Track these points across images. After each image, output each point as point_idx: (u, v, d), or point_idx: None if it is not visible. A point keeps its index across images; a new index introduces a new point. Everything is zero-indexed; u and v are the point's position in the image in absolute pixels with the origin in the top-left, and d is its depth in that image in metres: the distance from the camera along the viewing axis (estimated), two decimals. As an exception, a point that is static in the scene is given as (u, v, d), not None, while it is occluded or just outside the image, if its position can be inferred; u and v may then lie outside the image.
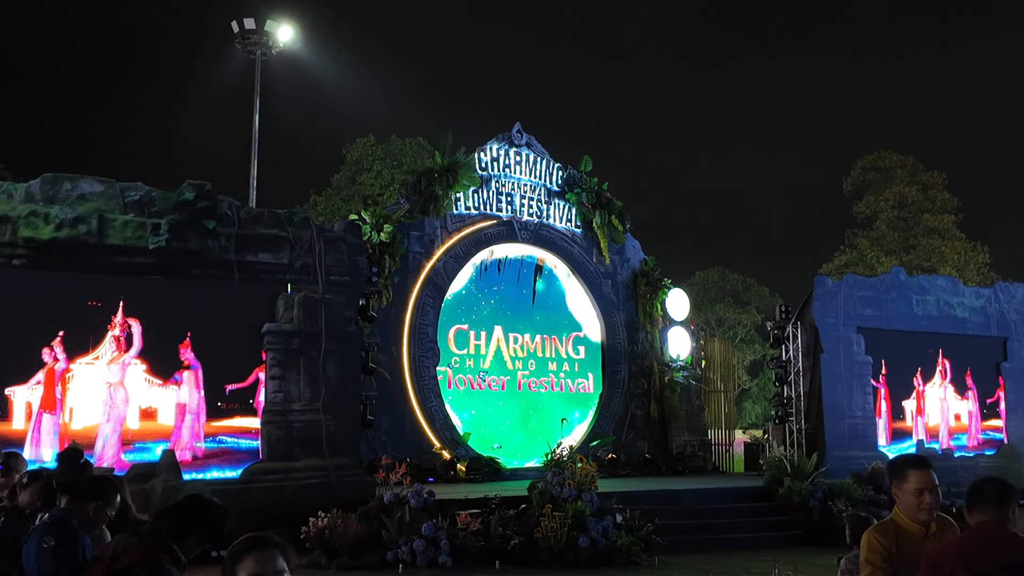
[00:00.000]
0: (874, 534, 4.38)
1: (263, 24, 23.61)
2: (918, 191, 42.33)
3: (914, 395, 20.75)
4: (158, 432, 13.33)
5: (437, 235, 19.09)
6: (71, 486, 4.83)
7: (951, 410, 21.31)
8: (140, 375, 13.27)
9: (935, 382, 21.14)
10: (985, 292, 22.47)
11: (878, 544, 4.29)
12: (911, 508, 4.37)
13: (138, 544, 3.57)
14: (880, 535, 4.35)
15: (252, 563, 2.75)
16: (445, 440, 18.27)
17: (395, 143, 37.61)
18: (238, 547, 2.80)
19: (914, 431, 20.59)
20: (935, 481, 4.40)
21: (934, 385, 21.09)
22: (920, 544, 4.29)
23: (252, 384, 14.02)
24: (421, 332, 18.53)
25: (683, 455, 20.85)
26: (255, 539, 2.81)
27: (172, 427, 13.43)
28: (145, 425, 13.26)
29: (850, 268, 38.49)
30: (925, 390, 20.91)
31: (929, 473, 4.39)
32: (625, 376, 21.03)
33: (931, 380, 21.07)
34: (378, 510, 12.71)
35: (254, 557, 2.75)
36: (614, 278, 21.40)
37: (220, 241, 13.82)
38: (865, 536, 4.41)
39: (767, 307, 39.66)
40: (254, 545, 2.78)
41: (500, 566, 12.17)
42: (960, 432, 21.34)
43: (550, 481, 13.36)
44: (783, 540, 14.23)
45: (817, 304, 19.38)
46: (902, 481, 4.40)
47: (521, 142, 20.55)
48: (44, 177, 12.87)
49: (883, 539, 4.31)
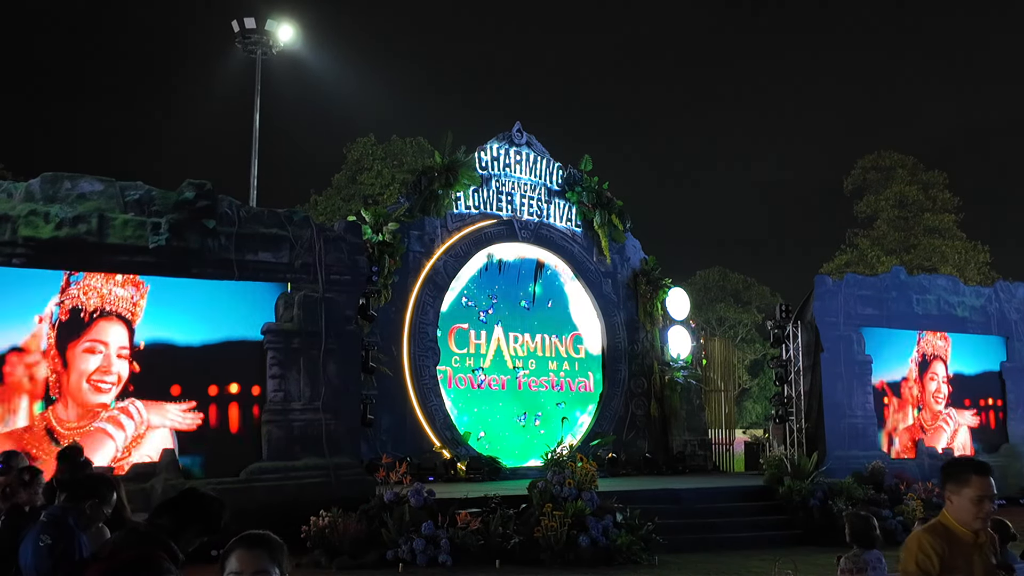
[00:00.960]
0: (926, 536, 4.13)
1: (264, 24, 23.61)
2: (919, 190, 42.30)
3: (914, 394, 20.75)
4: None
5: (437, 234, 19.08)
6: (68, 484, 4.83)
7: (950, 410, 21.29)
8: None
9: (935, 380, 21.13)
10: (985, 291, 22.46)
11: (930, 547, 4.05)
12: (967, 514, 4.10)
13: (135, 542, 3.56)
14: (932, 536, 4.10)
15: (235, 560, 2.78)
16: (445, 439, 18.27)
17: (395, 143, 37.62)
18: (231, 543, 2.84)
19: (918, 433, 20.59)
20: (995, 489, 4.14)
21: (934, 384, 21.08)
22: (968, 552, 4.09)
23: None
24: (421, 331, 18.53)
25: (683, 454, 20.85)
26: (246, 537, 2.84)
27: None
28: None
29: (851, 267, 38.49)
30: (925, 390, 20.91)
31: (991, 480, 4.14)
32: (625, 375, 21.03)
33: (931, 379, 21.06)
34: (378, 509, 12.70)
35: (238, 554, 2.79)
36: (614, 277, 21.40)
37: (220, 240, 13.82)
38: (915, 538, 4.17)
39: (767, 306, 39.66)
40: (243, 543, 2.81)
41: (500, 565, 12.16)
42: (959, 432, 21.32)
43: (550, 480, 13.35)
44: (783, 539, 14.22)
45: (817, 303, 19.38)
46: (961, 486, 4.12)
47: (521, 141, 20.55)
48: (44, 176, 12.86)
49: (936, 541, 4.06)
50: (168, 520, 3.69)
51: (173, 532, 3.65)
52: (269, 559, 2.78)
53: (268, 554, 2.78)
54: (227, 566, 2.78)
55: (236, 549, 2.80)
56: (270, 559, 2.78)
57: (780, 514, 15.17)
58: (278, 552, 2.81)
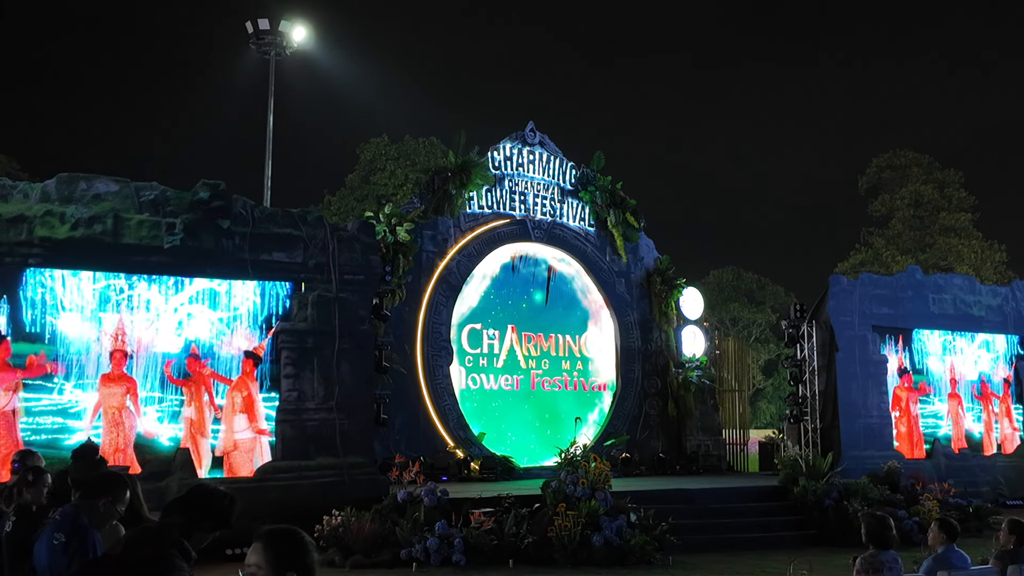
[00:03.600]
0: None
1: (277, 24, 23.68)
2: (934, 189, 42.04)
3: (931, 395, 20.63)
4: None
5: (450, 234, 19.10)
6: (82, 482, 4.85)
7: (968, 410, 21.15)
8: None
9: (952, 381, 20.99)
10: (1002, 291, 22.31)
11: None
12: None
13: (149, 540, 3.57)
14: None
15: (248, 553, 2.82)
16: (459, 439, 18.27)
17: (409, 143, 37.66)
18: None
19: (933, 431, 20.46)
20: None
21: (951, 384, 20.94)
22: None
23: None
24: (434, 331, 18.54)
25: (697, 454, 20.79)
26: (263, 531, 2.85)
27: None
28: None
29: (866, 267, 38.27)
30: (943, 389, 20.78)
31: None
32: (639, 375, 20.98)
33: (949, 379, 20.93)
34: (392, 509, 12.72)
35: (252, 546, 2.82)
36: (628, 277, 21.36)
37: (234, 240, 13.86)
38: None
39: (782, 306, 39.46)
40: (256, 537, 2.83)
41: (514, 565, 12.16)
42: (976, 432, 21.17)
43: (564, 480, 13.34)
44: (798, 540, 14.16)
45: (832, 303, 19.28)
46: None
47: (534, 141, 20.53)
48: (60, 177, 12.94)
49: None
50: (180, 517, 3.69)
51: (185, 529, 3.64)
52: (263, 555, 2.76)
53: (264, 551, 2.77)
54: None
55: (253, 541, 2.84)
56: (264, 556, 2.76)
57: (795, 514, 15.11)
58: (279, 551, 2.78)
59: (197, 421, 13.49)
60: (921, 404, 20.37)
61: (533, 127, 20.60)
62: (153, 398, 13.25)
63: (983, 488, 19.15)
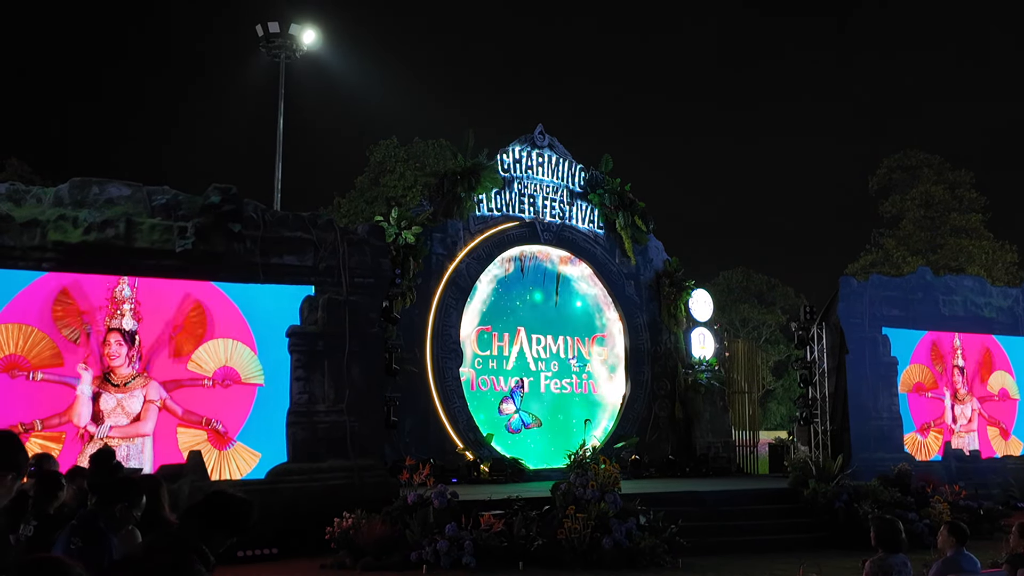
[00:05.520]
0: None
1: (287, 28, 23.77)
2: (945, 190, 41.85)
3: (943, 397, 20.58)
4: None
5: (460, 237, 19.14)
6: (99, 487, 4.90)
7: (978, 412, 21.09)
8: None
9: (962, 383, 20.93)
10: (1013, 292, 22.23)
11: None
12: None
13: (167, 545, 3.61)
14: None
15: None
16: (468, 441, 18.30)
17: (418, 145, 37.69)
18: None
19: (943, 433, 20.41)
20: None
21: (961, 386, 20.89)
22: None
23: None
24: (444, 333, 18.59)
25: (707, 456, 20.77)
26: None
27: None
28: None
29: (876, 268, 38.14)
30: (954, 391, 20.73)
31: None
32: (648, 377, 20.98)
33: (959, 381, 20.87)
34: (402, 511, 12.76)
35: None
36: (637, 279, 21.37)
37: (246, 244, 13.94)
38: None
39: (792, 307, 39.37)
40: None
41: (523, 567, 12.18)
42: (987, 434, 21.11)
43: (573, 482, 13.36)
44: (808, 542, 14.13)
45: (842, 304, 19.24)
46: None
47: (543, 143, 20.57)
48: (73, 181, 13.04)
49: None
50: (198, 523, 3.74)
51: (204, 535, 3.69)
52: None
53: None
54: None
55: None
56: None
57: (805, 517, 15.08)
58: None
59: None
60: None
61: (542, 129, 20.63)
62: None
63: (994, 490, 19.08)
